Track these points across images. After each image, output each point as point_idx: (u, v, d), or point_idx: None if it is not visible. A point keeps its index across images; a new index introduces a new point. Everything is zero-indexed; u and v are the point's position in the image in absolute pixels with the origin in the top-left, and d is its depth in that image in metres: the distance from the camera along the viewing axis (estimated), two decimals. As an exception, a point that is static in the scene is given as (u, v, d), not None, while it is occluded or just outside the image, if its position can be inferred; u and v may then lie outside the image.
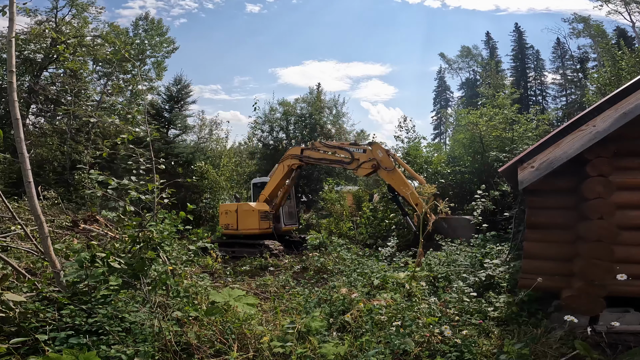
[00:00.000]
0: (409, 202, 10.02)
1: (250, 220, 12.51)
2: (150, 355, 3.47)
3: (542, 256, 4.69)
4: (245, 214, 12.69)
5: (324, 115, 26.00)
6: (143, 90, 24.09)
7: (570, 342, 4.03)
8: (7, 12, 4.57)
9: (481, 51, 51.36)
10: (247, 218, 12.58)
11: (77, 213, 14.00)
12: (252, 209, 12.67)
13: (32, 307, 3.79)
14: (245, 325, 4.26)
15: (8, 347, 3.25)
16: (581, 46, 41.86)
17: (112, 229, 9.75)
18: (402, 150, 13.75)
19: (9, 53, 4.59)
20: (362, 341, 4.04)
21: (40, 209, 4.59)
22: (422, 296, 5.19)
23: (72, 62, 7.33)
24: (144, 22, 30.13)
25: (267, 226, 12.61)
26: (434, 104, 59.92)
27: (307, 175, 23.19)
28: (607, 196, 4.26)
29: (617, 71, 15.61)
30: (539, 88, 48.40)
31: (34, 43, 20.95)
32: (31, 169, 4.57)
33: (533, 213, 4.73)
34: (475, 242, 7.79)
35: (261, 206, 12.84)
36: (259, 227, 12.39)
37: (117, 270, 4.29)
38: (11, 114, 4.52)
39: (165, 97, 22.11)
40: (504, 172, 6.04)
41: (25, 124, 20.60)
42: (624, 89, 4.48)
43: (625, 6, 33.23)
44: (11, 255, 6.57)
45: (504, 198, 10.90)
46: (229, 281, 7.55)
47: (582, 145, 4.25)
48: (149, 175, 5.39)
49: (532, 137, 12.00)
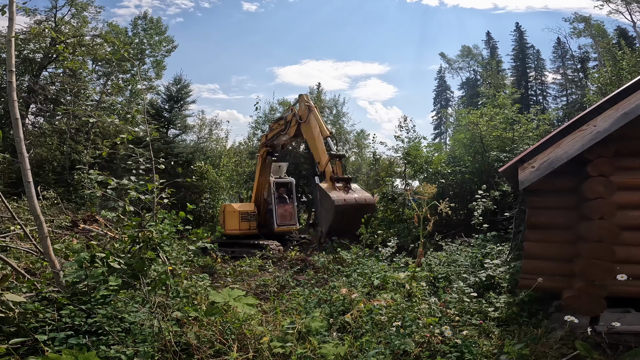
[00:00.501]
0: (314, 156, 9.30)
1: (232, 221, 12.61)
2: (149, 355, 3.46)
3: (542, 256, 4.68)
4: (229, 215, 12.81)
5: (324, 115, 26.00)
6: (142, 89, 24.09)
7: (571, 343, 4.02)
8: (7, 11, 4.56)
9: (481, 51, 51.40)
10: (230, 219, 12.70)
11: (76, 213, 13.98)
12: (234, 209, 12.74)
13: (32, 308, 3.78)
14: (245, 325, 4.25)
15: (7, 348, 3.25)
16: (582, 46, 41.83)
17: (111, 229, 9.75)
18: (402, 150, 13.72)
19: (8, 52, 4.59)
20: (362, 341, 4.03)
21: (40, 209, 4.59)
22: (423, 296, 5.18)
23: (71, 62, 7.31)
24: (143, 21, 30.13)
25: (248, 227, 12.53)
26: (434, 104, 59.91)
27: (307, 176, 23.17)
28: (607, 196, 4.25)
29: (617, 71, 15.60)
30: (539, 88, 48.38)
31: (33, 43, 20.92)
32: (30, 168, 4.56)
33: (534, 213, 4.72)
34: (476, 242, 7.79)
35: (244, 207, 12.89)
36: (239, 227, 12.40)
37: (117, 271, 4.29)
38: (10, 114, 4.51)
39: (165, 97, 22.10)
40: (504, 172, 6.03)
41: (25, 124, 20.61)
42: (625, 89, 4.47)
43: (626, 6, 33.22)
44: (10, 255, 6.56)
45: (505, 198, 10.89)
46: (228, 281, 7.54)
47: (582, 145, 4.25)
48: (149, 175, 5.38)
49: (533, 137, 11.99)
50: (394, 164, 15.34)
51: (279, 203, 13.48)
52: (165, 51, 30.64)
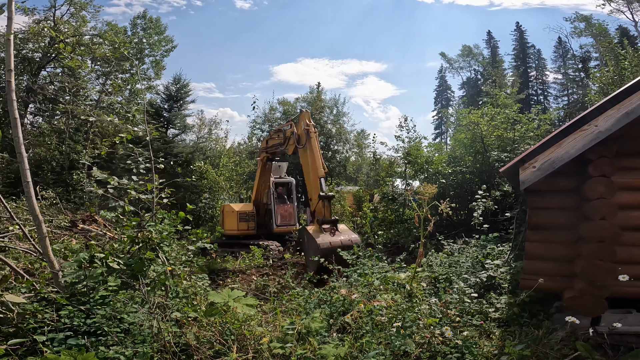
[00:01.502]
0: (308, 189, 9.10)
1: (231, 221, 12.72)
2: (149, 356, 3.45)
3: (543, 257, 4.66)
4: (227, 215, 12.93)
5: (324, 115, 25.96)
6: (142, 89, 24.07)
7: (572, 344, 4.00)
8: (6, 10, 4.53)
9: (482, 50, 51.38)
10: (229, 219, 12.82)
11: (75, 213, 13.96)
12: (232, 210, 12.87)
13: (31, 308, 3.76)
14: (245, 326, 4.23)
15: (6, 348, 3.23)
16: (583, 45, 41.81)
17: (110, 229, 9.73)
18: (402, 150, 13.70)
19: (7, 52, 4.56)
20: (362, 342, 4.01)
21: (39, 209, 4.56)
22: (423, 297, 5.16)
23: (71, 61, 7.29)
24: (142, 21, 30.08)
25: (246, 227, 12.63)
26: (435, 103, 59.94)
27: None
28: (609, 196, 4.24)
29: (619, 70, 15.54)
30: (540, 87, 48.39)
31: (32, 42, 20.88)
32: (29, 168, 4.54)
33: (535, 213, 4.70)
34: (477, 243, 7.77)
35: (243, 207, 13.00)
36: (238, 228, 12.51)
37: (116, 271, 4.27)
38: (9, 114, 4.49)
39: (164, 97, 22.10)
40: (505, 172, 6.01)
41: (24, 124, 20.55)
42: (627, 88, 4.45)
43: (628, 5, 33.19)
44: (9, 255, 6.54)
45: (505, 198, 10.88)
46: (227, 281, 7.52)
47: (584, 145, 4.23)
48: (148, 175, 5.36)
49: (534, 137, 11.96)
50: (395, 164, 15.33)
51: (279, 203, 13.48)
52: (164, 51, 30.61)
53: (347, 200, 16.01)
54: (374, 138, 26.92)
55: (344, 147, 26.15)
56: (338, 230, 8.32)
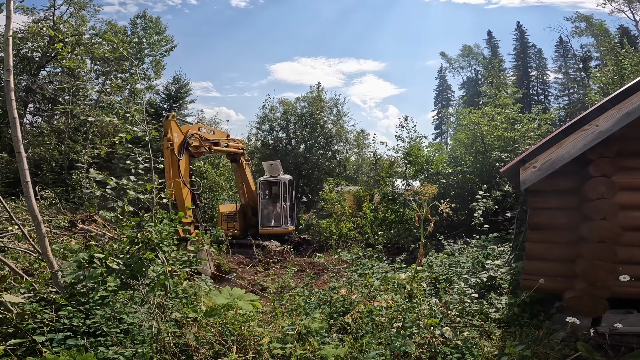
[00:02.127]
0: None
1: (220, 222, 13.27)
2: (148, 356, 3.44)
3: (544, 257, 4.66)
4: (219, 216, 13.60)
5: (324, 115, 25.93)
6: (141, 89, 24.06)
7: (573, 344, 4.00)
8: (5, 9, 4.52)
9: (482, 50, 51.37)
10: (220, 219, 13.44)
11: (75, 213, 13.95)
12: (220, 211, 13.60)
13: (30, 308, 3.75)
14: (245, 326, 4.22)
15: (5, 349, 3.23)
16: (584, 45, 41.79)
17: (110, 229, 9.71)
18: (403, 150, 13.68)
19: (6, 51, 4.55)
20: (362, 343, 4.00)
21: (38, 209, 4.56)
22: (423, 297, 5.15)
23: (70, 61, 7.27)
24: (142, 20, 30.04)
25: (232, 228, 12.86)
26: (435, 103, 59.91)
27: (307, 176, 23.13)
28: (609, 197, 4.23)
29: (620, 70, 15.50)
30: (541, 87, 48.37)
31: (31, 41, 20.85)
32: (28, 168, 4.53)
33: (535, 214, 4.69)
34: (477, 243, 7.75)
35: (227, 208, 13.59)
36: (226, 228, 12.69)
37: (116, 271, 4.26)
38: (8, 113, 4.48)
39: (164, 96, 22.09)
40: (505, 172, 6.01)
41: (23, 123, 20.52)
42: (627, 88, 4.44)
43: (629, 4, 33.18)
44: (8, 255, 6.53)
45: (506, 198, 10.86)
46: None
47: (584, 145, 4.22)
48: (148, 175, 5.35)
49: (534, 136, 11.95)
50: (395, 164, 15.31)
51: (266, 204, 13.48)
52: (164, 50, 30.56)
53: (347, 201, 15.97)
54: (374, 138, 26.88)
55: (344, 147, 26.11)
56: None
